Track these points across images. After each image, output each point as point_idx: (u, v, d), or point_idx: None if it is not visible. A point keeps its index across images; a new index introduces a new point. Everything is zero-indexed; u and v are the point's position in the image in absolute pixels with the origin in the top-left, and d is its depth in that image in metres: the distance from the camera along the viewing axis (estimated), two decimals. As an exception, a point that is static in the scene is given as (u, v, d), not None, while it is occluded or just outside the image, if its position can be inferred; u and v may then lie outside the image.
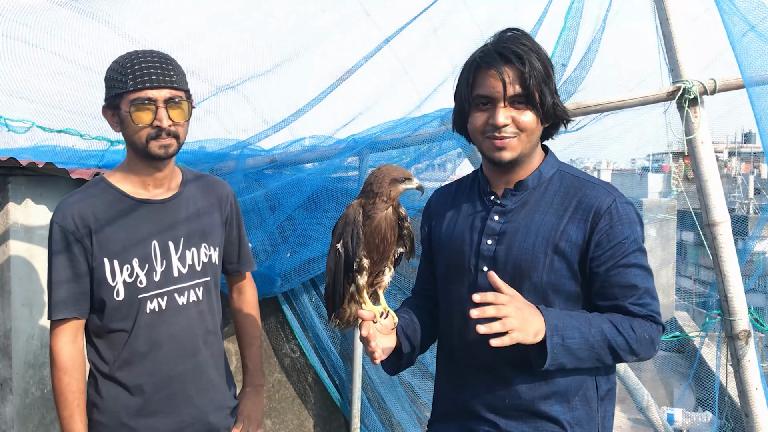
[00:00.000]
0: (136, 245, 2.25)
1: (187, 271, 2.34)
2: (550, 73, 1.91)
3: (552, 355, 1.75)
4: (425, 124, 3.43)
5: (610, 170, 41.79)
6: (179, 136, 2.24)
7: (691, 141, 3.16)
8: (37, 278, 3.35)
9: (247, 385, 2.64)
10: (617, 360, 1.86)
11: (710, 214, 3.20)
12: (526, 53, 1.87)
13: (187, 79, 2.29)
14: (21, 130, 2.76)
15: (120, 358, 2.27)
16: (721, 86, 3.13)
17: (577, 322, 1.80)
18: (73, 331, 2.25)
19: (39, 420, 3.37)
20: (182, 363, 2.32)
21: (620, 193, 1.94)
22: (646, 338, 1.84)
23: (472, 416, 1.98)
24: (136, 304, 2.25)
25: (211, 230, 2.42)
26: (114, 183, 2.30)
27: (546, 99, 1.89)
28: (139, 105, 2.15)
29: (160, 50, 2.25)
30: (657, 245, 10.57)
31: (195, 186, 2.43)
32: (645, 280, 1.88)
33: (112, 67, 2.23)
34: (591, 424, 1.94)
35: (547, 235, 1.89)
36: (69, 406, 2.23)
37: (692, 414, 7.58)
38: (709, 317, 3.33)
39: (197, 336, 2.35)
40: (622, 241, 1.86)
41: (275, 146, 3.66)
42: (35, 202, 3.32)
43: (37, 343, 3.35)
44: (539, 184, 1.98)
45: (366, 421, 3.82)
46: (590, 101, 3.23)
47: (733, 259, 3.21)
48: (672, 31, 3.17)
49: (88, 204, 2.24)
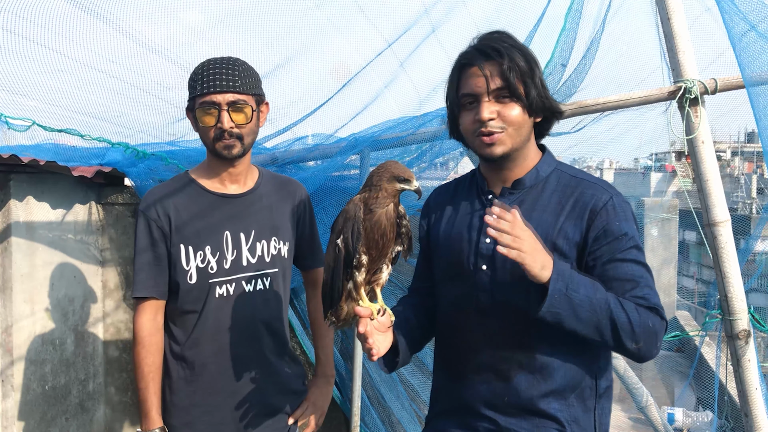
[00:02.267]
0: (209, 234, 2.44)
1: (256, 262, 2.50)
2: (534, 67, 1.93)
3: (551, 300, 1.75)
4: (426, 123, 3.43)
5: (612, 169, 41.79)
6: (243, 137, 2.40)
7: (691, 141, 3.16)
8: (38, 275, 3.36)
9: (318, 374, 2.80)
10: (617, 340, 1.81)
11: (711, 213, 3.21)
12: (506, 48, 1.90)
13: (260, 83, 2.44)
14: (21, 128, 2.78)
15: (190, 338, 2.45)
16: (722, 86, 3.13)
17: (584, 281, 1.80)
18: (153, 310, 2.45)
19: (40, 416, 3.38)
20: (246, 346, 2.48)
21: (617, 191, 1.96)
22: (649, 326, 1.81)
23: (471, 413, 2.00)
24: (207, 288, 2.43)
25: (282, 225, 2.58)
26: (195, 178, 2.51)
27: (531, 91, 1.91)
28: (205, 108, 2.34)
29: (235, 57, 2.41)
30: (659, 244, 10.57)
31: (270, 184, 2.61)
32: (644, 275, 1.87)
33: (191, 73, 2.40)
34: (588, 422, 1.96)
35: (545, 233, 1.89)
36: (144, 378, 2.42)
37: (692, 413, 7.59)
38: (709, 317, 3.34)
39: (262, 321, 2.51)
40: (619, 236, 1.87)
41: (277, 144, 3.67)
42: (37, 199, 3.33)
43: (38, 339, 3.36)
44: (537, 182, 1.99)
45: (366, 419, 3.83)
46: (590, 101, 3.23)
47: (733, 259, 3.21)
48: (673, 30, 3.17)
49: (170, 196, 2.45)
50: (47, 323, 3.43)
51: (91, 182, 3.57)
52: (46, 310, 3.42)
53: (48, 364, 3.43)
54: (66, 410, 3.55)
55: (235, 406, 2.47)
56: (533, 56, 1.96)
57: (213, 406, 2.47)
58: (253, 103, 2.41)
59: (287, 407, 2.61)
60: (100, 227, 3.75)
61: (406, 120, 3.43)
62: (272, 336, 2.56)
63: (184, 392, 2.47)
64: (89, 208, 3.69)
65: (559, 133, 3.39)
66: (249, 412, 2.48)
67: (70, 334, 3.58)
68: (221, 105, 2.33)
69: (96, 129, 2.97)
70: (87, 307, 3.70)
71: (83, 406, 3.67)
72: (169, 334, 2.50)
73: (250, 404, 2.49)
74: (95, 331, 3.76)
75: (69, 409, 3.57)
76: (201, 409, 2.46)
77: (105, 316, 3.80)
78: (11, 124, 2.73)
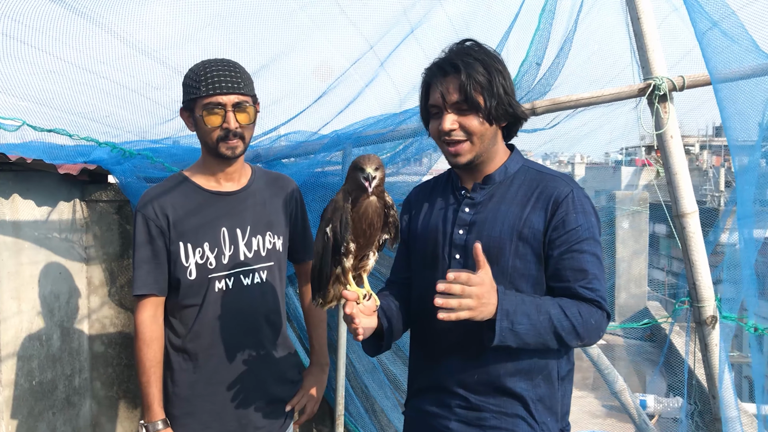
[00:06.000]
0: (207, 231, 2.51)
1: (253, 256, 2.58)
2: (493, 79, 2.04)
3: (500, 336, 1.90)
4: (405, 120, 3.52)
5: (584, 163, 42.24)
6: (245, 137, 2.49)
7: (661, 135, 3.29)
8: (25, 272, 3.39)
9: (313, 363, 2.88)
10: (562, 345, 1.98)
11: (679, 205, 3.34)
12: (465, 65, 2.03)
13: (254, 84, 2.53)
14: (12, 128, 2.82)
15: (191, 331, 2.52)
16: (689, 83, 3.27)
17: (528, 308, 1.93)
18: (153, 306, 2.51)
19: (28, 411, 3.42)
20: (244, 337, 2.56)
21: (578, 185, 2.12)
22: (592, 323, 1.98)
23: (444, 391, 2.14)
24: (206, 283, 2.50)
25: (276, 220, 2.65)
26: (190, 177, 2.57)
27: (489, 102, 2.03)
28: (211, 109, 2.40)
29: (230, 59, 2.48)
30: (629, 236, 10.79)
31: (263, 181, 2.68)
32: (595, 267, 2.02)
33: (188, 74, 2.46)
34: (553, 401, 2.11)
35: (512, 223, 2.05)
36: (146, 373, 2.48)
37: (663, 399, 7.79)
38: (678, 304, 3.48)
39: (260, 314, 2.59)
40: (576, 228, 2.02)
41: (260, 142, 3.73)
42: (23, 197, 3.36)
43: (25, 336, 3.40)
44: (505, 178, 2.15)
45: (350, 408, 3.91)
46: (564, 98, 3.34)
47: (701, 248, 3.35)
48: (643, 29, 3.30)
49: (167, 195, 2.51)
50: (34, 320, 3.46)
51: (75, 180, 3.60)
52: (33, 307, 3.45)
53: (35, 359, 3.46)
54: (53, 405, 3.59)
55: (235, 395, 2.55)
56: (496, 66, 2.07)
57: (213, 396, 2.54)
58: (253, 104, 2.50)
59: (285, 396, 2.70)
60: (85, 224, 3.78)
61: (386, 117, 3.52)
62: (270, 327, 2.63)
63: (186, 383, 2.53)
64: (73, 206, 3.72)
65: (535, 129, 3.51)
66: (248, 401, 2.57)
67: (56, 330, 3.61)
68: (227, 106, 2.40)
69: (84, 129, 3.01)
70: (72, 303, 3.73)
71: (70, 401, 3.71)
72: (169, 328, 2.56)
73: (249, 393, 2.57)
74: (81, 327, 3.80)
75: (56, 403, 3.61)
76: (202, 399, 2.53)
77: (90, 312, 3.84)
78: (2, 124, 2.76)
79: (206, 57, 2.44)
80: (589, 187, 30.72)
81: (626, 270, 11.98)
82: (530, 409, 2.07)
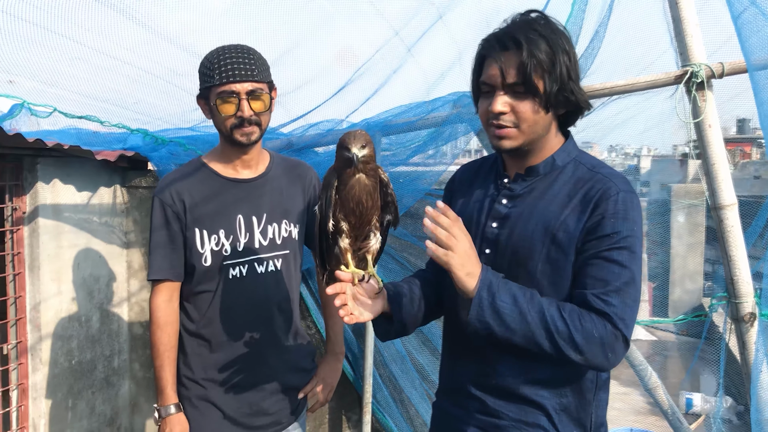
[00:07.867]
0: (223, 218, 2.53)
1: (268, 244, 2.59)
2: (557, 60, 1.83)
3: (478, 309, 1.75)
4: (437, 108, 3.49)
5: (650, 156, 40.94)
6: (261, 124, 2.49)
7: (698, 124, 3.16)
8: (64, 255, 3.52)
9: (328, 352, 2.91)
10: (557, 349, 1.76)
11: (718, 197, 3.21)
12: (528, 41, 1.80)
13: (270, 70, 2.52)
14: (44, 114, 2.91)
15: (205, 317, 2.55)
16: (729, 70, 3.12)
17: (518, 291, 1.78)
18: (169, 291, 2.54)
19: (68, 389, 3.56)
20: (258, 325, 2.58)
21: (631, 188, 1.86)
22: (594, 336, 1.74)
23: (463, 393, 2.03)
24: (221, 269, 2.52)
25: (293, 208, 2.66)
26: (208, 163, 2.59)
27: (550, 88, 1.82)
28: (224, 97, 2.41)
29: (245, 44, 2.48)
30: (685, 230, 10.47)
31: (281, 168, 2.69)
32: (619, 280, 1.78)
33: (203, 62, 2.47)
34: (581, 412, 1.94)
35: (548, 223, 1.85)
36: (160, 357, 2.52)
37: (711, 398, 7.54)
38: (715, 300, 3.36)
39: (273, 302, 2.61)
40: (611, 234, 1.78)
41: (292, 130, 3.77)
42: (63, 182, 3.49)
43: (65, 316, 3.53)
44: (551, 171, 1.94)
45: (378, 396, 3.92)
46: (598, 85, 3.24)
47: (740, 243, 3.21)
48: (681, 14, 3.16)
49: (184, 181, 2.53)
50: (73, 301, 3.59)
51: (115, 166, 3.72)
52: (73, 289, 3.59)
53: (74, 339, 3.60)
54: (92, 384, 3.72)
55: (247, 380, 2.57)
56: (562, 45, 1.84)
57: (226, 382, 2.57)
58: (268, 90, 2.49)
59: (298, 383, 2.71)
60: (125, 210, 3.90)
61: (416, 105, 3.50)
62: (283, 315, 2.64)
63: (199, 368, 2.57)
64: (114, 191, 3.84)
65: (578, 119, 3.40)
66: (260, 387, 2.58)
67: (95, 312, 3.75)
68: (240, 94, 2.40)
69: (114, 115, 3.08)
70: (112, 286, 3.86)
71: (109, 381, 3.84)
72: (184, 312, 2.60)
73: (261, 379, 2.58)
74: (120, 310, 3.93)
75: (95, 383, 3.75)
76: (214, 384, 2.56)
77: (130, 295, 3.96)
78: (34, 110, 2.86)
79: (227, 43, 2.45)
80: (656, 180, 29.81)
81: (681, 266, 11.61)
82: (553, 419, 1.90)
